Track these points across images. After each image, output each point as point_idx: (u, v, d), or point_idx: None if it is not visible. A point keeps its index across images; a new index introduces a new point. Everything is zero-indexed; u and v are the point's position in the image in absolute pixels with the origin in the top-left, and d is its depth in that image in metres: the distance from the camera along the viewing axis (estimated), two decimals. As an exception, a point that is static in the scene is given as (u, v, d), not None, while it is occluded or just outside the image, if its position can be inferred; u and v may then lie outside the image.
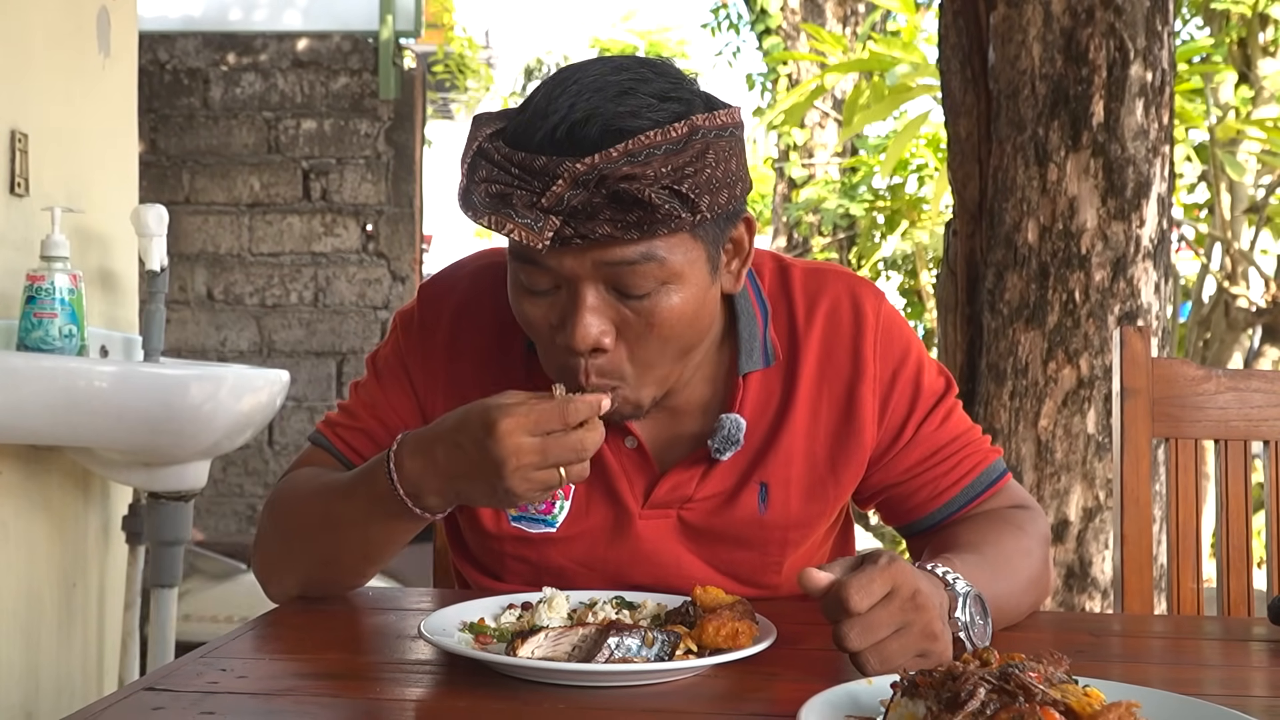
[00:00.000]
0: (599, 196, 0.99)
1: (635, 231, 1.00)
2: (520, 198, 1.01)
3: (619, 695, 0.90)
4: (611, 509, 1.21)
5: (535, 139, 1.02)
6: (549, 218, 1.00)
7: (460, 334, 1.24)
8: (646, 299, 1.05)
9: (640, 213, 0.99)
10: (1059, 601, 2.96)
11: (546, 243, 0.99)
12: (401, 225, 4.84)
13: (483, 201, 1.03)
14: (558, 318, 1.07)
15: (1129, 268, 2.92)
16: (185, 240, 4.77)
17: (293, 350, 4.81)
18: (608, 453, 1.19)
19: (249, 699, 0.88)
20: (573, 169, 0.99)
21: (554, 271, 1.04)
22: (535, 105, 1.04)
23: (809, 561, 1.26)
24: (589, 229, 1.00)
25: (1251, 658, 1.12)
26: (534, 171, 1.01)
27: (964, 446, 1.26)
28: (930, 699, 0.73)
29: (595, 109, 1.01)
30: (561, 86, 1.03)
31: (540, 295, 1.07)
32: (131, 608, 2.43)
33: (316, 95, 4.84)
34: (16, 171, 2.13)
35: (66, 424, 1.94)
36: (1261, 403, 1.52)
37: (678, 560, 1.22)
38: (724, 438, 1.17)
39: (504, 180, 1.02)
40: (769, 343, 1.21)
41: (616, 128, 1.00)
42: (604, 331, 1.05)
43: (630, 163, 0.98)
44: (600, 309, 1.05)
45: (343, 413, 1.28)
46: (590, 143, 1.00)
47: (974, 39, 3.11)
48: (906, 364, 1.24)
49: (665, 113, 1.02)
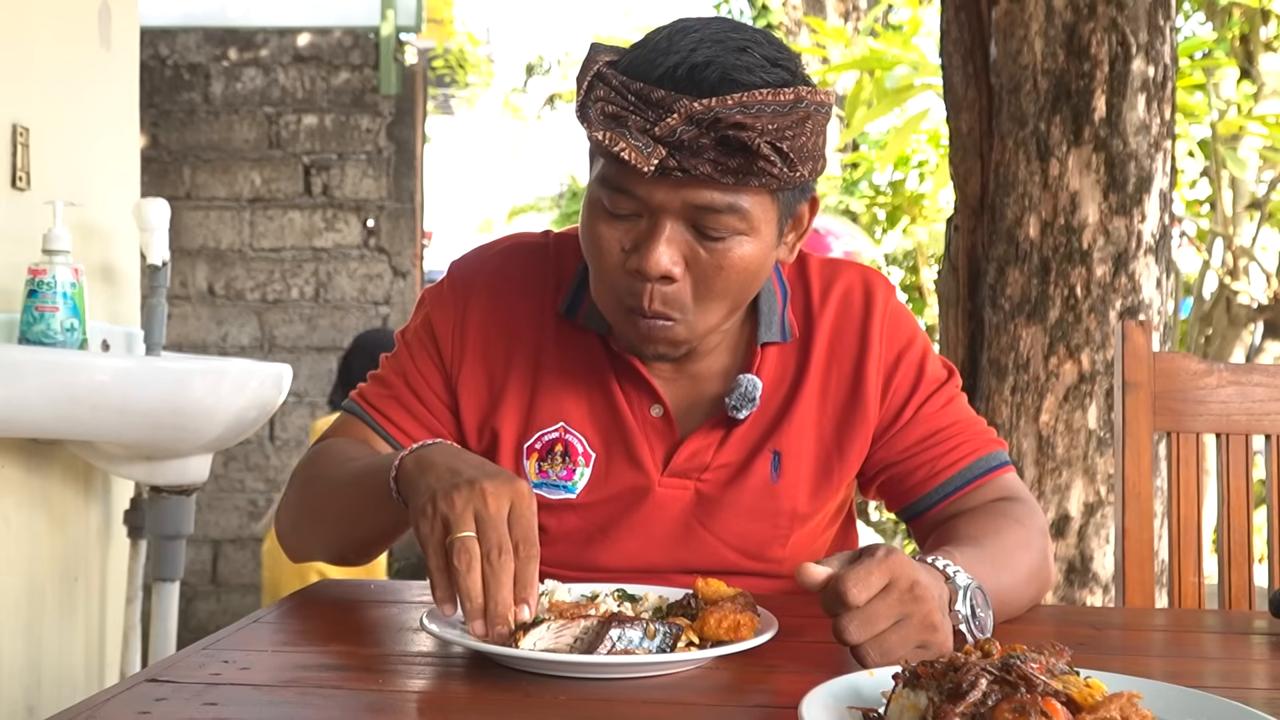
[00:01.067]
0: (707, 137, 1.05)
1: (731, 177, 1.07)
2: (634, 122, 1.06)
3: (621, 687, 0.90)
4: (631, 476, 1.25)
5: (655, 73, 1.08)
6: (657, 146, 1.06)
7: (490, 309, 1.30)
8: (720, 243, 1.11)
9: (742, 159, 1.06)
10: (1060, 596, 2.96)
11: (652, 167, 1.05)
12: (402, 221, 4.84)
13: (598, 118, 1.09)
14: (631, 243, 1.13)
15: (1130, 263, 2.92)
16: (186, 235, 4.77)
17: (294, 345, 4.81)
18: (632, 421, 1.25)
19: (252, 690, 0.88)
20: (689, 106, 1.04)
21: (642, 200, 1.10)
22: (655, 44, 1.10)
23: (813, 544, 1.30)
24: (692, 164, 1.06)
25: (1252, 650, 1.12)
26: (650, 102, 1.06)
27: (964, 430, 1.29)
28: (932, 690, 0.73)
29: (715, 56, 1.07)
30: (684, 32, 1.10)
31: (620, 219, 1.13)
32: (133, 602, 2.43)
33: (317, 90, 4.84)
34: (18, 165, 2.13)
35: (68, 418, 1.94)
36: (1263, 397, 1.52)
37: (688, 532, 1.26)
38: (741, 395, 1.23)
39: (619, 104, 1.08)
40: (786, 320, 1.28)
41: (733, 78, 1.06)
42: (675, 262, 1.11)
43: (743, 112, 1.04)
44: (676, 242, 1.11)
45: (374, 382, 1.33)
46: (709, 86, 1.06)
47: (975, 34, 3.11)
48: (911, 349, 1.30)
49: (775, 76, 1.08)
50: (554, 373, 1.28)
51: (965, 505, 1.26)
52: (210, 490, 4.76)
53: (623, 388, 1.26)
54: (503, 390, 1.28)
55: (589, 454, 1.25)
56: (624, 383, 1.26)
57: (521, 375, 1.28)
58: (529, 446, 1.27)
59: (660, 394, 1.25)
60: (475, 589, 0.93)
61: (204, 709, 0.83)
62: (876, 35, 6.25)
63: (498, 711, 0.84)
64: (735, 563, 1.26)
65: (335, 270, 4.81)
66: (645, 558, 1.25)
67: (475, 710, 0.85)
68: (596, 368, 1.27)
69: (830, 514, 1.33)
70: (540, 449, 1.27)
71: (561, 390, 1.27)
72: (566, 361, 1.28)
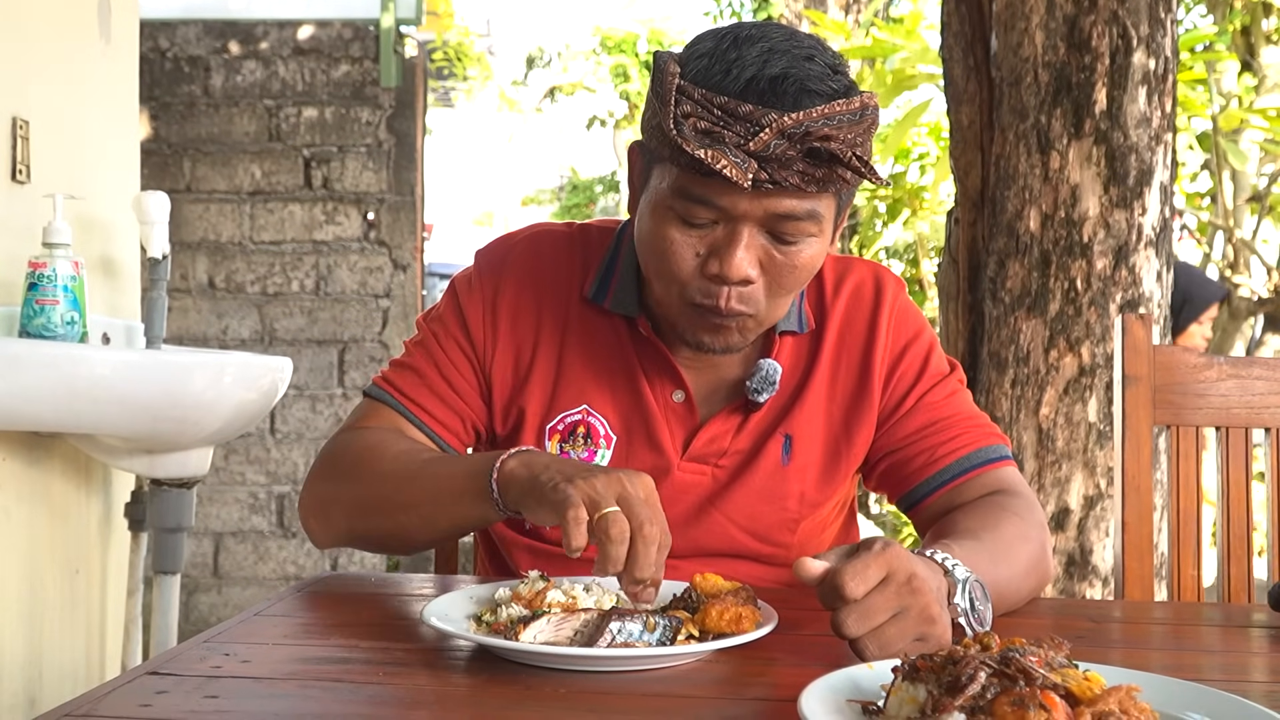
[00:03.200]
0: (795, 149, 1.08)
1: (816, 186, 1.11)
2: (730, 138, 1.09)
3: (621, 680, 0.90)
4: (651, 459, 1.28)
5: (736, 87, 1.09)
6: (751, 161, 1.08)
7: (519, 292, 1.32)
8: (794, 245, 1.16)
9: (827, 169, 1.10)
10: (1059, 589, 2.96)
11: (749, 183, 1.08)
12: (403, 214, 4.83)
13: (694, 134, 1.10)
14: (707, 248, 1.15)
15: (1131, 256, 2.92)
16: (186, 228, 4.76)
17: (294, 339, 4.81)
18: (654, 405, 1.28)
19: (252, 683, 0.88)
20: (781, 121, 1.07)
21: (722, 210, 1.13)
22: (720, 54, 1.11)
23: (819, 535, 1.32)
24: (782, 177, 1.09)
25: (1252, 643, 1.12)
26: (738, 116, 1.08)
27: (965, 421, 1.30)
28: (931, 683, 0.74)
29: (790, 68, 1.09)
30: (748, 41, 1.12)
31: (694, 227, 1.15)
32: (134, 595, 2.43)
33: (318, 83, 4.83)
34: (18, 158, 2.13)
35: (68, 411, 1.94)
36: (1263, 390, 1.52)
37: (703, 516, 1.29)
38: (762, 379, 1.26)
39: (709, 119, 1.10)
40: (803, 313, 1.32)
41: (811, 89, 1.09)
42: (753, 266, 1.15)
43: (827, 124, 1.08)
44: (754, 248, 1.15)
45: (403, 370, 1.33)
46: (790, 98, 1.08)
47: (976, 26, 3.11)
48: (917, 341, 1.33)
49: (840, 85, 1.12)
50: (579, 356, 1.30)
51: (963, 495, 1.27)
52: (211, 483, 4.76)
53: (646, 372, 1.29)
54: (529, 371, 1.30)
55: (610, 436, 1.28)
56: (648, 368, 1.29)
57: (547, 357, 1.31)
58: (551, 427, 1.29)
59: (684, 379, 1.28)
60: (620, 558, 0.97)
61: (205, 702, 0.83)
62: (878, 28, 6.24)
63: (498, 704, 0.84)
64: (745, 545, 1.29)
65: (335, 263, 4.81)
66: None
67: (476, 703, 0.85)
68: (621, 352, 1.30)
69: (836, 506, 1.35)
70: (563, 430, 1.29)
71: (585, 373, 1.30)
72: (591, 345, 1.30)
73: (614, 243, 1.34)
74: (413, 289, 4.84)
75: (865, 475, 1.36)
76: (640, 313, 1.28)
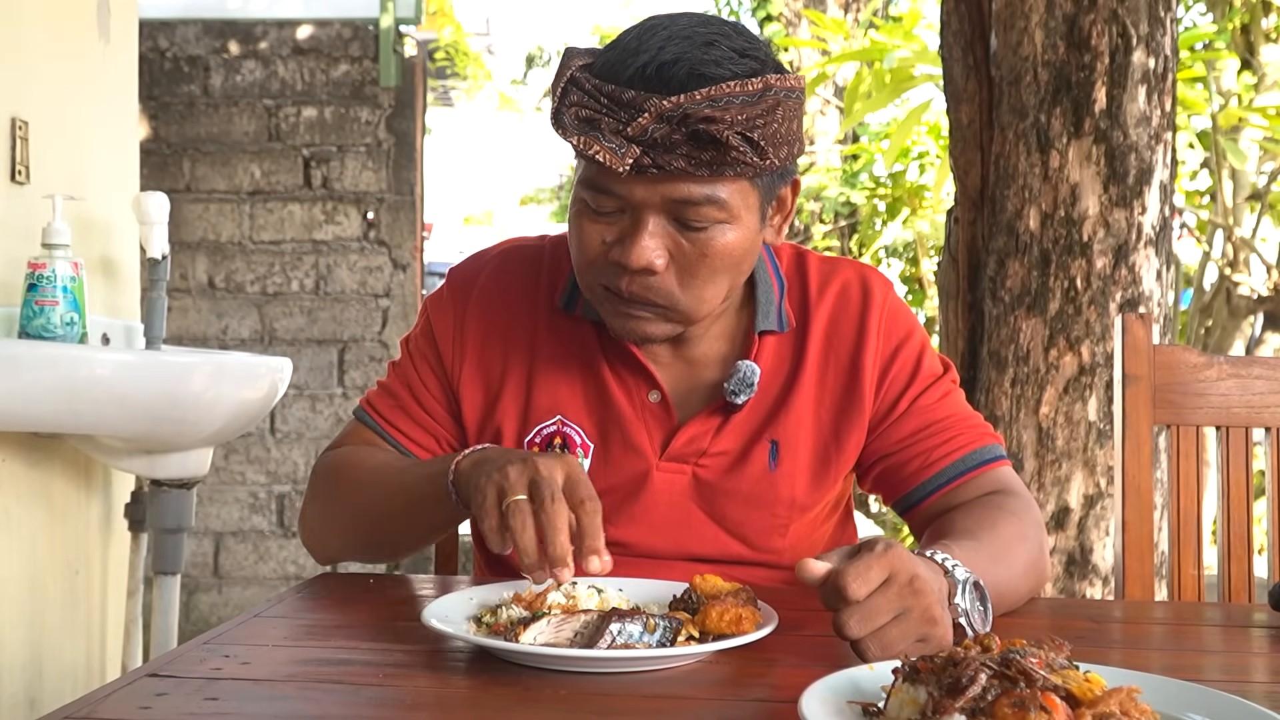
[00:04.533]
0: (678, 133, 1.08)
1: (706, 169, 1.10)
2: (607, 124, 1.10)
3: (621, 681, 0.90)
4: (630, 461, 1.27)
5: (625, 74, 1.11)
6: (631, 146, 1.09)
7: (487, 312, 1.33)
8: (702, 232, 1.15)
9: (714, 152, 1.09)
10: (1059, 588, 2.96)
11: (626, 167, 1.09)
12: (402, 213, 4.83)
13: (572, 123, 1.12)
14: (614, 237, 1.16)
15: (1130, 255, 2.92)
16: (186, 228, 4.76)
17: (294, 339, 4.81)
18: (628, 407, 1.27)
19: (252, 685, 0.88)
20: (659, 105, 1.07)
21: (622, 198, 1.14)
22: (625, 44, 1.13)
23: (811, 535, 1.31)
24: (665, 161, 1.09)
25: (1252, 644, 1.12)
26: (621, 103, 1.10)
27: (959, 423, 1.30)
28: (931, 684, 0.74)
29: (683, 53, 1.10)
30: (652, 31, 1.13)
31: (603, 216, 1.16)
32: (134, 595, 2.43)
33: (317, 83, 4.83)
34: (17, 159, 2.13)
35: (68, 411, 1.94)
36: (1263, 389, 1.52)
37: (689, 518, 1.27)
38: (739, 380, 1.25)
39: (593, 107, 1.11)
40: (783, 311, 1.31)
41: (700, 73, 1.09)
42: (658, 255, 1.15)
43: (711, 106, 1.07)
44: (659, 235, 1.15)
45: (383, 391, 1.37)
46: (677, 83, 1.09)
47: (976, 25, 3.11)
48: (908, 342, 1.31)
49: (743, 67, 1.11)
50: (549, 366, 1.30)
51: (960, 497, 1.27)
52: (211, 483, 4.76)
53: (619, 375, 1.29)
54: (501, 389, 1.31)
55: (587, 445, 1.28)
56: (620, 370, 1.29)
57: (518, 372, 1.31)
58: (529, 442, 1.29)
59: (658, 379, 1.27)
60: (531, 544, 0.96)
61: (205, 704, 0.83)
62: (876, 27, 6.24)
63: (498, 706, 0.84)
64: (736, 551, 1.28)
65: (335, 263, 4.81)
66: (648, 545, 1.27)
67: (475, 705, 0.85)
68: (590, 357, 1.30)
69: (829, 506, 1.34)
70: (540, 443, 1.29)
71: (557, 383, 1.29)
72: (561, 354, 1.30)
73: None
74: (412, 288, 4.84)
75: (860, 478, 1.35)
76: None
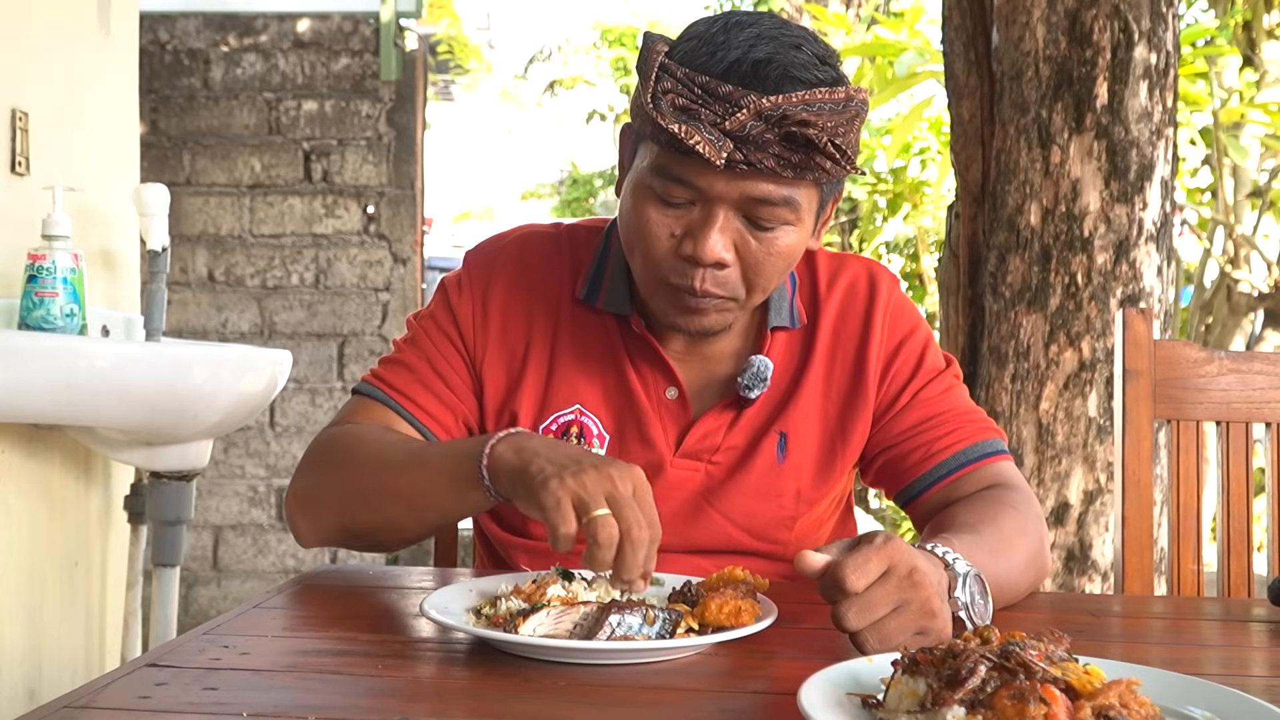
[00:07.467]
0: (772, 133, 1.09)
1: (791, 171, 1.11)
2: (706, 116, 1.09)
3: (620, 673, 0.90)
4: (644, 455, 1.27)
5: (718, 67, 1.10)
6: (726, 140, 1.09)
7: (509, 293, 1.32)
8: (769, 232, 1.16)
9: (804, 155, 1.10)
10: (1059, 583, 2.96)
11: (722, 160, 1.09)
12: (403, 207, 4.83)
13: (670, 110, 1.11)
14: (683, 229, 1.16)
15: (1131, 251, 2.92)
16: (186, 221, 4.76)
17: (294, 332, 4.81)
18: (646, 402, 1.28)
19: (251, 675, 0.88)
20: (758, 103, 1.08)
21: (699, 190, 1.13)
22: (709, 36, 1.13)
23: (818, 530, 1.31)
24: (757, 159, 1.09)
25: (1251, 638, 1.12)
26: (718, 96, 1.09)
27: (961, 416, 1.31)
28: (931, 676, 0.74)
29: (774, 54, 1.10)
30: (738, 26, 1.13)
31: (671, 206, 1.16)
32: (133, 587, 2.43)
33: (317, 76, 4.83)
34: (17, 150, 2.13)
35: (68, 403, 1.94)
36: (1263, 385, 1.52)
37: (697, 512, 1.28)
38: (753, 375, 1.26)
39: (688, 96, 1.10)
40: (795, 308, 1.32)
41: (793, 76, 1.10)
42: (727, 249, 1.15)
43: (806, 110, 1.08)
44: (728, 230, 1.15)
45: (393, 366, 1.31)
46: (772, 82, 1.09)
47: (977, 20, 3.10)
48: (912, 337, 1.33)
49: (826, 74, 1.12)
50: (570, 355, 1.30)
51: (960, 490, 1.27)
52: (211, 476, 4.77)
53: (639, 370, 1.29)
54: (521, 373, 1.30)
55: (603, 436, 1.28)
56: (640, 365, 1.29)
57: (539, 358, 1.30)
58: (545, 428, 1.29)
59: (678, 376, 1.28)
60: (608, 562, 0.96)
61: (204, 694, 0.83)
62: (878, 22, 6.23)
63: (497, 697, 0.84)
64: (742, 542, 1.28)
65: (335, 257, 4.80)
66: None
67: (474, 695, 0.85)
68: (612, 351, 1.30)
69: (834, 500, 1.35)
70: (556, 430, 1.29)
71: (577, 372, 1.30)
72: (583, 345, 1.30)
73: (603, 242, 1.34)
74: (412, 282, 4.84)
75: (862, 471, 1.36)
76: (633, 310, 1.28)
